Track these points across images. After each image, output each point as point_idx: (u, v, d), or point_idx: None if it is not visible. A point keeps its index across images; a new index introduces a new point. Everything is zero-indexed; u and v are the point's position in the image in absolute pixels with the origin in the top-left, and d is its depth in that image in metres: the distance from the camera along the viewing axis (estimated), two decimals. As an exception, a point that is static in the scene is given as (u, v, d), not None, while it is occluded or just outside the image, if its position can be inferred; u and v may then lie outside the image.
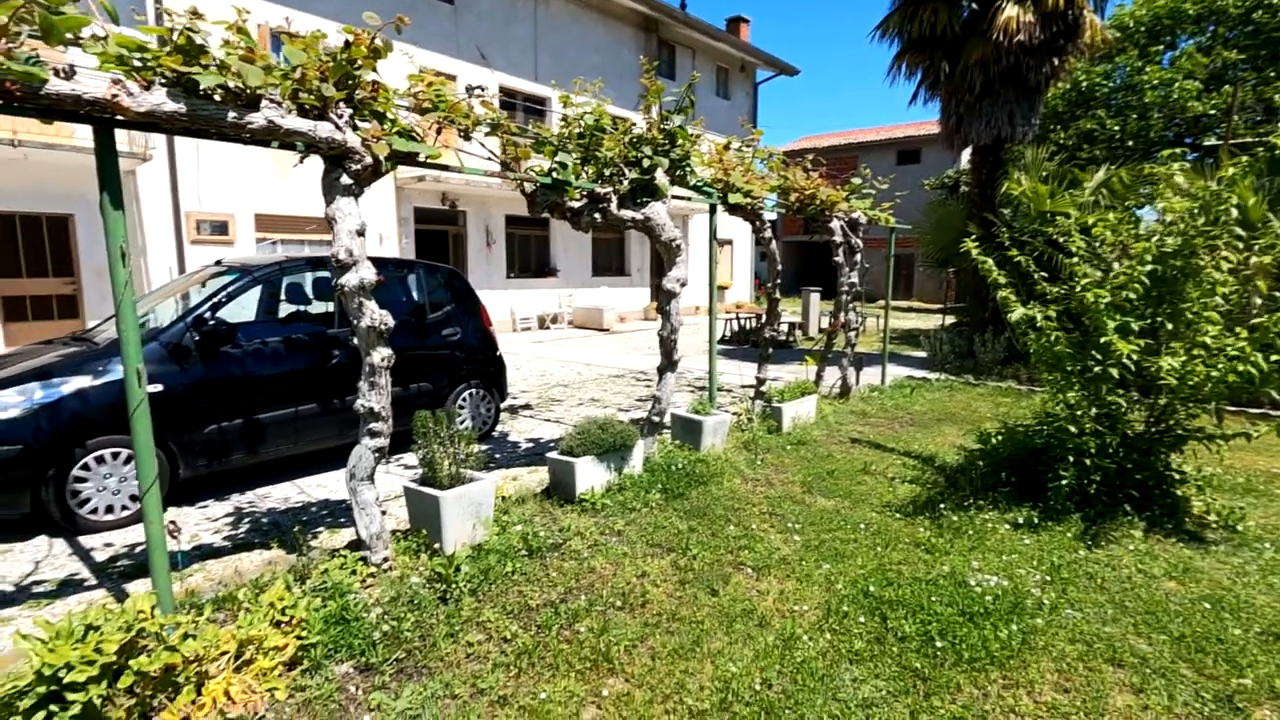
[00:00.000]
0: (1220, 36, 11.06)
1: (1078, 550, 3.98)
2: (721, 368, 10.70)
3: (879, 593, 3.41)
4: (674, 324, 4.96)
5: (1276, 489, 5.25)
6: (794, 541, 4.06)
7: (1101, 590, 3.54)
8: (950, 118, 10.43)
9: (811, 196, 6.55)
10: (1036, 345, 4.58)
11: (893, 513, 4.56)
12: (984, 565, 3.76)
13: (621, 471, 4.73)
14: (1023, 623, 3.17)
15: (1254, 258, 4.25)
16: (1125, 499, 4.48)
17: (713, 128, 21.74)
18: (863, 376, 9.33)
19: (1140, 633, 3.14)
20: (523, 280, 16.82)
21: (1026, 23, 8.98)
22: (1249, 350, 3.88)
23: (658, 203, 4.79)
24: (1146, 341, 4.28)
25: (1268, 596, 3.54)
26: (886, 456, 5.86)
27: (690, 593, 3.41)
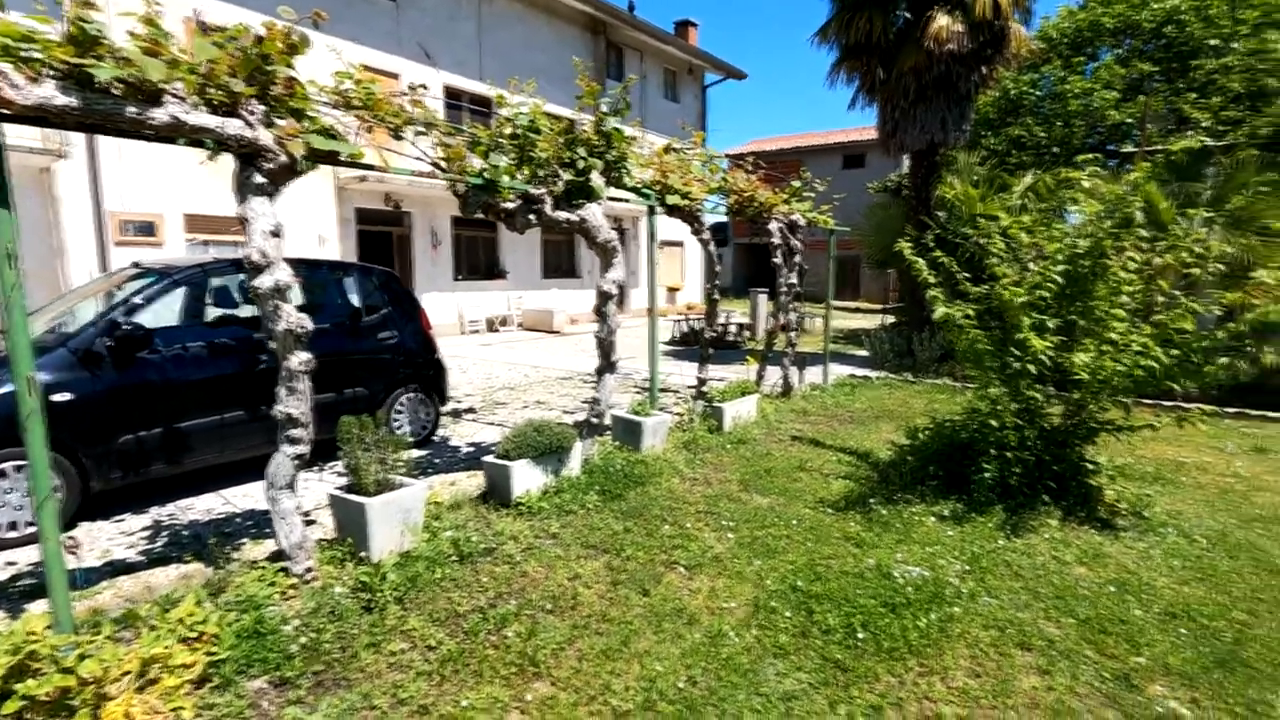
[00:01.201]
0: (1136, 49, 11.69)
1: (998, 540, 4.13)
2: (669, 369, 10.79)
3: (807, 587, 3.47)
4: (611, 325, 4.96)
5: (1182, 476, 5.56)
6: (728, 539, 4.10)
7: (1017, 577, 3.69)
8: (887, 123, 10.73)
9: (750, 198, 6.64)
10: (960, 343, 4.74)
11: (826, 509, 4.66)
12: (909, 557, 3.87)
13: (559, 474, 4.70)
14: (942, 611, 3.27)
15: (1156, 258, 4.49)
16: (1043, 489, 4.67)
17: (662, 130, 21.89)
18: (806, 375, 9.52)
19: (1050, 617, 3.28)
20: (471, 282, 16.59)
21: (956, 32, 9.31)
22: (1151, 345, 4.10)
23: (593, 204, 4.79)
24: (1061, 338, 4.48)
25: (1168, 579, 3.74)
26: (824, 453, 5.99)
27: (622, 593, 3.42)
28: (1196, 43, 10.89)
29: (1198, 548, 4.16)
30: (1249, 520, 4.64)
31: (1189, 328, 4.07)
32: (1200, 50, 10.86)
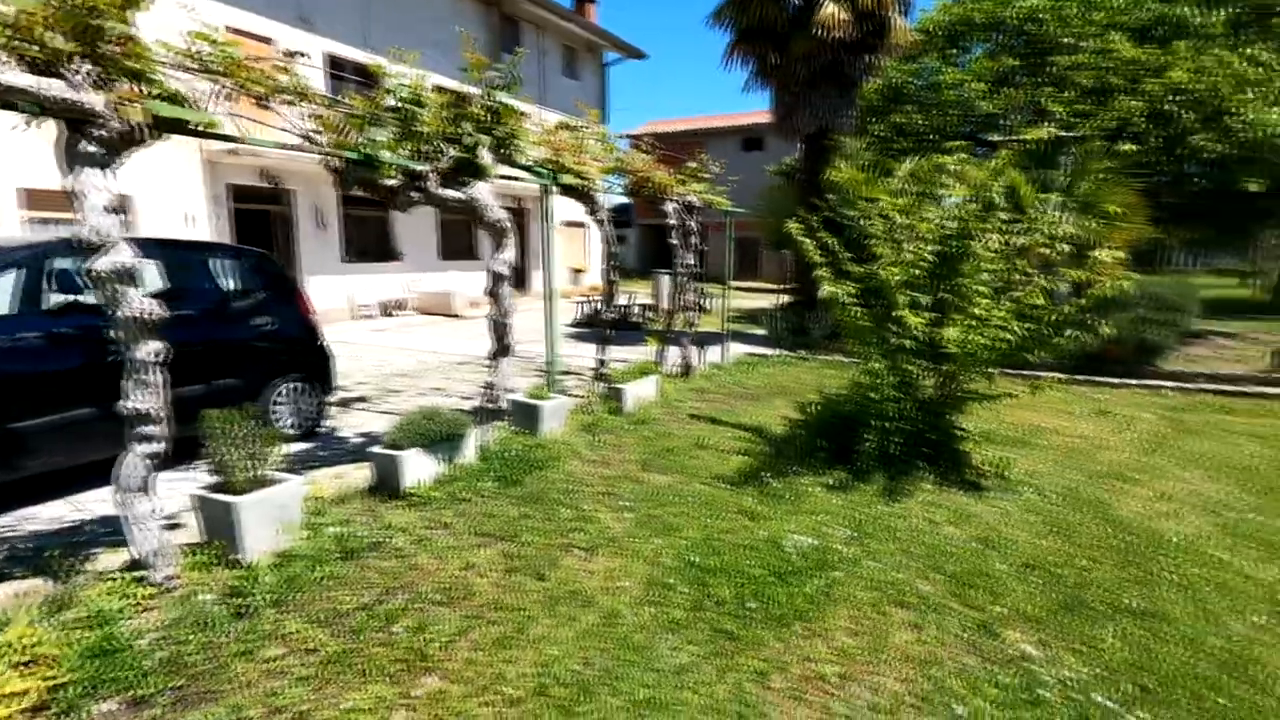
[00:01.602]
0: (1003, 45, 12.54)
1: (879, 506, 4.38)
2: (573, 351, 10.71)
3: (702, 562, 3.55)
4: (505, 307, 4.84)
5: (1038, 439, 6.11)
6: (626, 519, 4.13)
7: (895, 540, 3.93)
8: (780, 107, 11.02)
9: (646, 179, 6.64)
10: (843, 320, 4.97)
11: (723, 484, 4.77)
12: (799, 527, 4.04)
13: (453, 461, 4.56)
14: (827, 576, 3.44)
15: (1016, 239, 4.87)
16: (920, 457, 4.99)
17: (562, 108, 21.51)
18: (706, 355, 9.70)
19: (924, 575, 3.52)
20: (362, 265, 15.75)
21: (843, 20, 9.65)
22: (1010, 320, 4.45)
23: (482, 182, 4.63)
24: (934, 314, 4.78)
25: (1025, 533, 4.10)
26: (722, 431, 6.14)
27: (517, 580, 3.36)
28: (1053, 40, 11.82)
29: (1050, 503, 4.58)
30: (1093, 476, 5.16)
31: (1041, 303, 4.44)
32: (1056, 47, 11.80)
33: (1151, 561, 3.76)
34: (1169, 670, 2.76)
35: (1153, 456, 5.69)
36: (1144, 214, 9.32)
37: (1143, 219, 9.36)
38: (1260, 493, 4.86)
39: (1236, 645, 2.96)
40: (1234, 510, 4.53)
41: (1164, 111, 10.52)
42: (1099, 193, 9.04)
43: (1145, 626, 3.08)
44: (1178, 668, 2.78)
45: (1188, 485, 5.02)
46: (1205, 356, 10.51)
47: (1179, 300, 9.29)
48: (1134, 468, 5.38)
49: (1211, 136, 10.20)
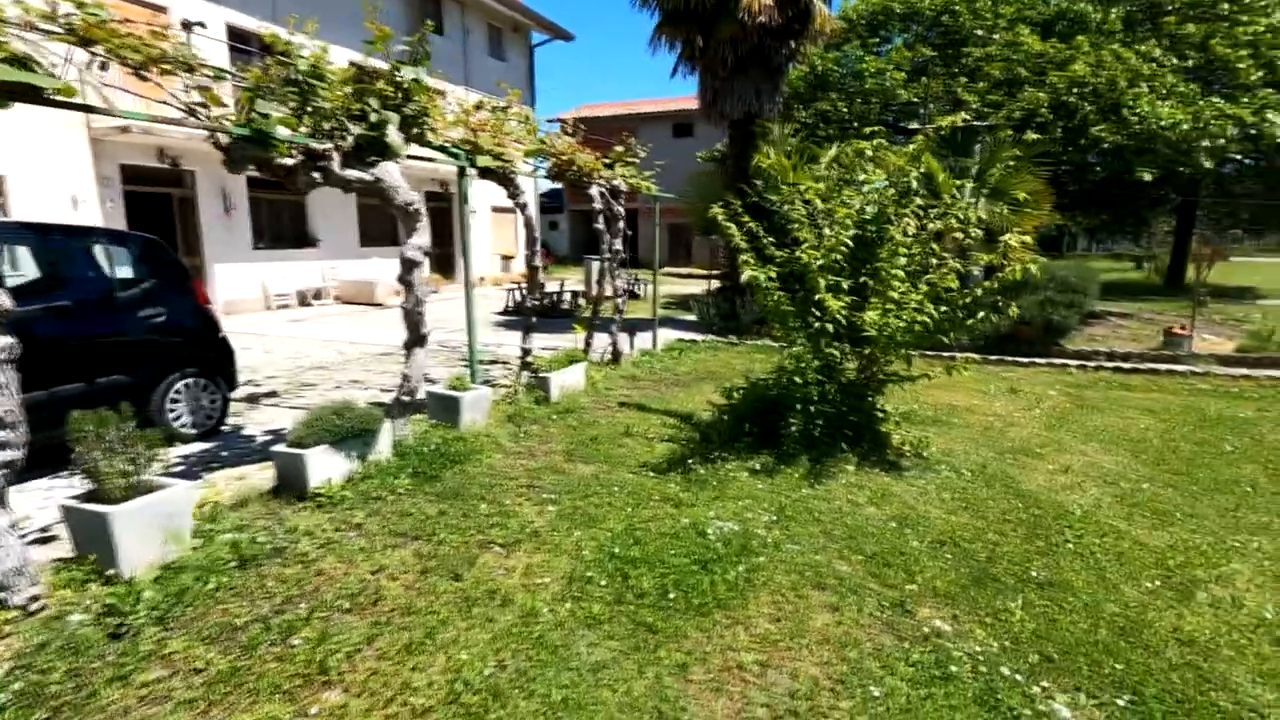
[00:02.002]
0: (920, 35, 12.89)
1: (802, 489, 4.42)
2: (501, 339, 10.45)
3: (624, 553, 3.48)
4: (419, 295, 4.61)
5: (954, 418, 6.33)
6: (549, 512, 4.01)
7: (817, 522, 3.96)
8: (707, 92, 10.99)
9: (569, 162, 6.47)
10: (766, 304, 4.97)
11: (648, 472, 4.71)
12: (722, 513, 4.02)
13: (365, 458, 4.33)
14: (749, 562, 3.42)
15: (931, 224, 4.97)
16: (843, 439, 5.07)
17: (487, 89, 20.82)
18: (636, 341, 9.64)
19: (843, 556, 3.56)
20: (276, 251, 14.91)
21: (767, 5, 9.67)
22: (925, 303, 4.55)
23: (390, 162, 4.37)
24: (854, 298, 4.84)
25: (940, 510, 4.22)
26: (649, 418, 6.08)
27: (431, 582, 3.20)
28: (966, 32, 12.24)
29: (964, 480, 4.73)
30: (1003, 452, 5.37)
31: (954, 286, 4.56)
32: (969, 39, 12.23)
33: (1055, 533, 3.93)
34: (1070, 639, 2.87)
35: (1057, 432, 5.98)
36: (1050, 200, 9.79)
37: (1049, 205, 9.84)
38: (1152, 463, 5.18)
39: (1132, 611, 3.11)
40: (1129, 481, 4.79)
41: (1067, 103, 11.07)
42: (1008, 180, 9.42)
43: (1049, 597, 3.20)
44: (1079, 636, 2.89)
45: (1088, 458, 5.29)
46: (1105, 336, 11.17)
47: (1081, 283, 9.83)
48: (1040, 443, 5.64)
49: (1109, 128, 10.80)
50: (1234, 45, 11.35)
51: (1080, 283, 9.80)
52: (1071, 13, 12.05)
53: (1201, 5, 11.57)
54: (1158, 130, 10.57)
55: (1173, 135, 10.70)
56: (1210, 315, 13.47)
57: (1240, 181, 17.60)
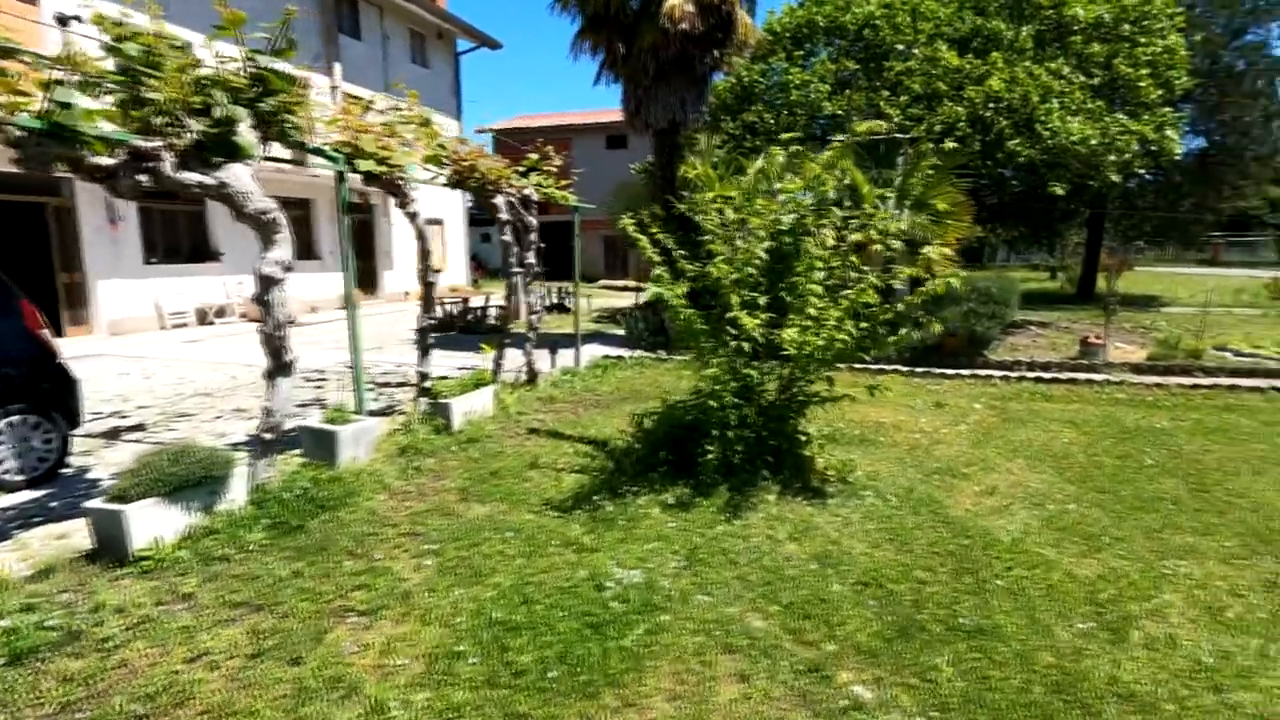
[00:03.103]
0: (843, 49, 12.95)
1: (718, 525, 4.02)
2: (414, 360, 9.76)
3: (507, 617, 2.99)
4: (279, 317, 4.02)
5: (881, 437, 6.09)
6: (427, 567, 3.48)
7: (733, 565, 3.57)
8: (631, 101, 10.67)
9: (470, 169, 5.96)
10: (676, 323, 4.59)
11: (551, 511, 4.24)
12: (627, 559, 3.58)
13: (212, 509, 3.69)
14: (651, 621, 2.99)
15: (851, 235, 4.71)
16: (764, 465, 4.72)
17: (411, 97, 20.07)
18: (560, 359, 9.16)
19: (758, 607, 3.16)
20: (171, 266, 13.74)
21: (689, 12, 9.43)
22: (844, 320, 4.25)
23: (240, 165, 3.78)
24: (771, 315, 4.50)
25: (864, 544, 3.89)
26: (562, 445, 5.60)
27: (262, 669, 2.63)
28: (888, 47, 12.36)
29: (889, 507, 4.44)
30: (930, 473, 5.13)
31: (872, 301, 4.28)
32: (891, 53, 12.34)
33: (985, 566, 3.65)
34: (1003, 702, 2.54)
35: (983, 449, 5.80)
36: (969, 212, 9.85)
37: (969, 217, 9.90)
38: (1077, 481, 5.02)
39: (1066, 660, 2.82)
40: (1055, 502, 4.61)
41: (983, 118, 11.25)
42: (930, 191, 9.42)
43: (979, 647, 2.88)
44: (1011, 698, 2.56)
45: (1014, 477, 5.10)
46: (1026, 345, 11.34)
47: (1003, 294, 9.91)
48: (966, 461, 5.43)
49: (1024, 142, 11.02)
50: (1135, 65, 11.82)
51: (1002, 294, 9.88)
52: (986, 30, 12.32)
53: (1105, 26, 12.01)
54: (1069, 145, 10.84)
55: (1083, 150, 11.00)
56: (1120, 324, 13.99)
57: (1142, 196, 18.51)
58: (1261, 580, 3.54)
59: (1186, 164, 17.54)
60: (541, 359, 9.07)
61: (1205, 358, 9.68)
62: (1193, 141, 17.72)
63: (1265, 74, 15.99)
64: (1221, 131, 16.65)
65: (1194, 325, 12.99)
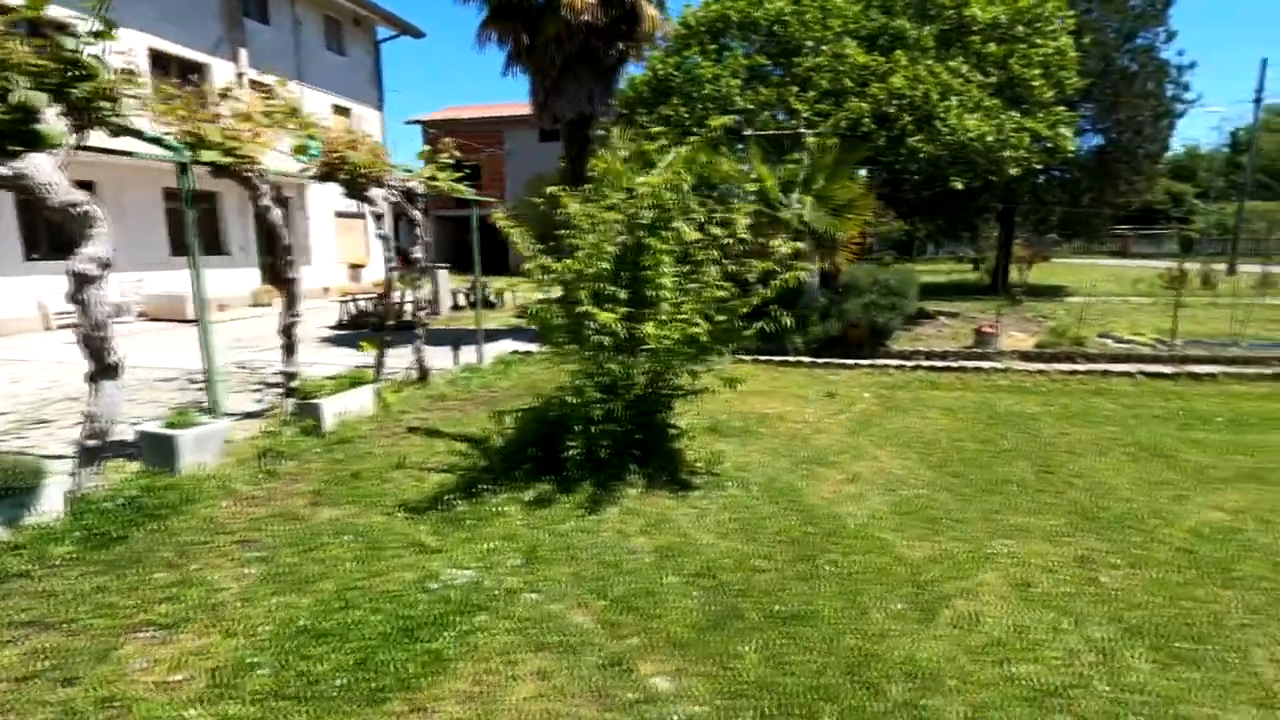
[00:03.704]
0: (756, 43, 13.08)
1: (568, 522, 4.01)
2: (323, 357, 9.47)
3: (318, 624, 2.90)
4: (97, 316, 3.80)
5: (764, 427, 6.18)
6: (250, 576, 3.35)
7: (574, 561, 3.56)
8: (539, 93, 10.55)
9: (341, 159, 5.76)
10: (535, 318, 4.56)
11: (404, 512, 4.14)
12: (466, 559, 3.53)
13: (16, 523, 3.47)
14: (470, 622, 2.95)
15: (713, 229, 4.75)
16: (632, 459, 4.73)
17: (327, 85, 19.46)
18: (464, 355, 9.02)
19: (584, 603, 3.16)
20: (59, 263, 12.86)
21: (590, 4, 9.37)
22: (692, 314, 4.29)
23: (42, 154, 3.54)
24: (628, 309, 4.50)
25: (713, 535, 3.94)
26: (436, 444, 5.49)
27: (29, 693, 2.48)
28: (797, 43, 12.55)
29: (750, 497, 4.51)
30: (799, 463, 5.24)
31: (722, 296, 4.33)
32: (800, 49, 12.54)
33: (823, 552, 3.74)
34: (795, 686, 2.60)
35: (859, 437, 5.97)
36: (870, 205, 10.12)
37: (870, 210, 10.17)
38: (936, 466, 5.21)
39: (869, 641, 2.91)
40: (909, 487, 4.77)
41: (887, 114, 11.55)
42: (829, 185, 9.63)
43: (790, 633, 2.95)
44: (805, 681, 2.63)
45: (879, 464, 5.26)
46: (930, 335, 11.74)
47: (902, 286, 10.22)
48: (838, 449, 5.57)
49: (924, 138, 11.37)
50: (1028, 65, 12.33)
51: (900, 286, 10.19)
52: (892, 29, 12.65)
53: (1001, 26, 12.49)
54: (966, 141, 11.24)
55: (980, 146, 11.43)
56: (1024, 313, 14.64)
57: (1049, 191, 19.39)
58: (1075, 556, 3.73)
59: (1086, 161, 18.43)
60: (443, 356, 8.92)
61: (1089, 345, 10.22)
62: (1092, 139, 18.64)
63: (1154, 75, 16.95)
64: (1117, 130, 17.56)
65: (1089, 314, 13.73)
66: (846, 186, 9.85)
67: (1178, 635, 2.98)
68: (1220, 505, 4.43)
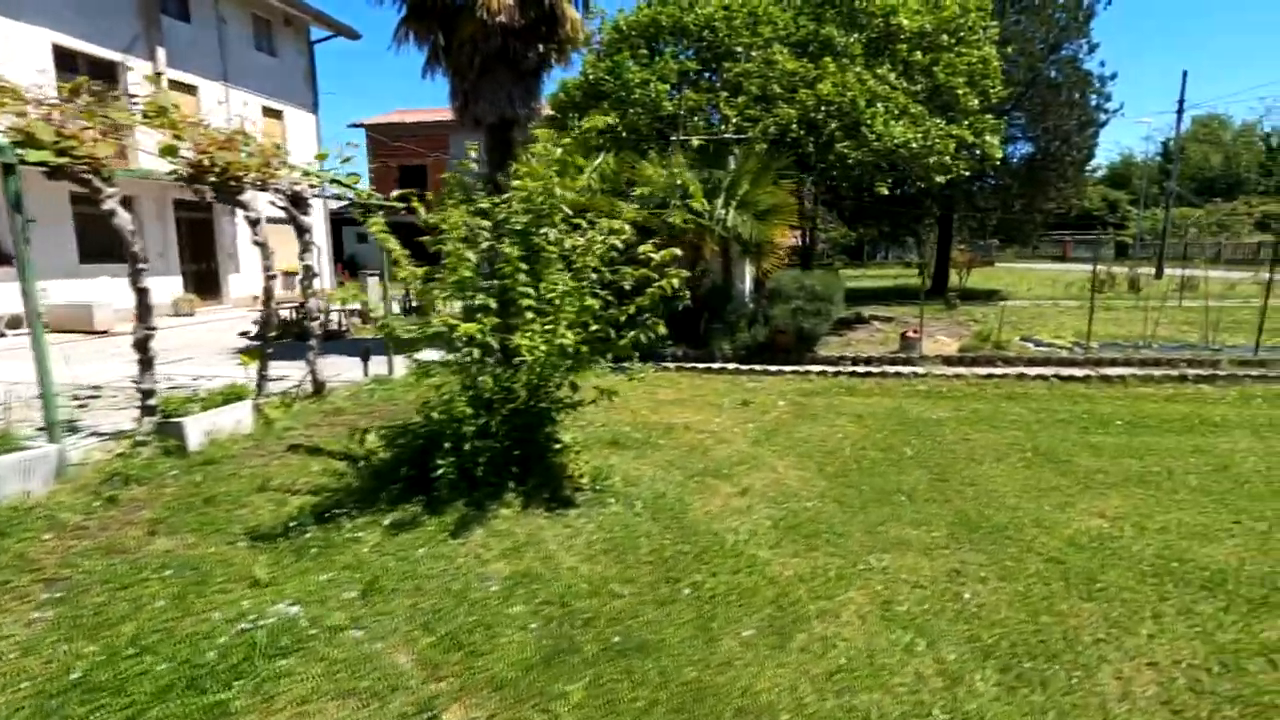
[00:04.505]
0: (686, 49, 13.02)
1: (426, 546, 3.75)
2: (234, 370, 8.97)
3: (93, 677, 2.59)
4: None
5: (667, 439, 6.01)
6: (42, 620, 3.01)
7: (418, 592, 3.30)
8: (458, 95, 10.27)
9: (210, 162, 5.39)
10: (382, 328, 4.32)
11: (248, 541, 3.83)
12: (298, 592, 3.25)
13: None
14: (273, 667, 2.68)
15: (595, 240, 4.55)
16: (510, 477, 4.50)
17: (255, 87, 18.79)
18: (374, 366, 8.65)
19: (411, 639, 2.91)
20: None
21: (506, 5, 9.13)
22: (558, 328, 4.08)
23: None
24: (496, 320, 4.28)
25: (578, 558, 3.73)
26: (313, 464, 5.17)
27: None
28: (727, 48, 12.51)
29: (631, 514, 4.32)
30: (693, 475, 5.07)
31: (591, 304, 4.14)
32: (731, 55, 12.50)
33: (690, 574, 3.56)
34: (612, 729, 2.40)
35: (762, 446, 5.84)
36: (794, 211, 10.10)
37: (794, 215, 10.15)
38: (831, 476, 5.10)
39: (710, 672, 2.73)
40: (800, 499, 4.63)
41: (815, 120, 11.57)
42: (753, 191, 9.56)
43: (626, 667, 2.75)
44: (625, 722, 2.43)
45: (775, 475, 5.13)
46: (861, 340, 11.78)
47: (827, 292, 10.20)
48: (737, 460, 5.43)
49: (852, 144, 11.41)
50: (954, 73, 12.52)
51: (826, 291, 10.17)
52: (821, 36, 12.71)
53: (927, 36, 12.66)
54: (892, 147, 11.33)
55: (906, 152, 11.53)
56: (958, 317, 14.85)
57: (984, 197, 19.83)
58: (947, 570, 3.63)
59: (1018, 169, 18.91)
60: (351, 368, 8.55)
61: (1011, 348, 10.34)
62: (1024, 148, 19.14)
63: (1078, 86, 17.46)
64: (1046, 139, 18.04)
65: (1021, 317, 13.98)
66: (770, 192, 9.80)
67: (1030, 654, 2.87)
68: (1102, 511, 4.40)
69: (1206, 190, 49.77)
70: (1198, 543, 3.93)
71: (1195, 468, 5.18)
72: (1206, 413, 6.89)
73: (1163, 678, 2.73)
